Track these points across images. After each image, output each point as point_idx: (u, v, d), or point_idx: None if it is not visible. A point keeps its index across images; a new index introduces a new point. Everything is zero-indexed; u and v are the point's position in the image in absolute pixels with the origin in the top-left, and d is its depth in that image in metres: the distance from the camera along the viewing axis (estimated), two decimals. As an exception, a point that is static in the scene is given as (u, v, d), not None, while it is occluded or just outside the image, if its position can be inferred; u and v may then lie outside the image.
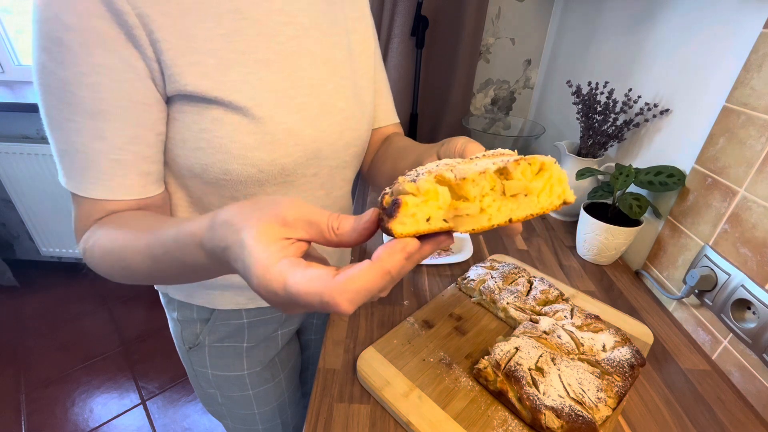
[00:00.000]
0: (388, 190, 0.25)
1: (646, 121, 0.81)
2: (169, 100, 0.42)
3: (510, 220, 0.25)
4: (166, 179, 0.48)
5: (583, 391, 0.47)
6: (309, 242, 0.27)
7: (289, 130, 0.46)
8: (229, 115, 0.42)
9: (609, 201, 0.80)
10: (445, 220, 0.24)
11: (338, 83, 0.51)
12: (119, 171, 0.40)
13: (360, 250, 0.80)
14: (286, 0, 0.44)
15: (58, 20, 0.34)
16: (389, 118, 0.65)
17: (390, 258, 0.23)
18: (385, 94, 0.64)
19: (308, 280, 0.23)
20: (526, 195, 0.24)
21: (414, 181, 0.23)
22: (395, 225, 0.23)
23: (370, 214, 0.25)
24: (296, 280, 0.23)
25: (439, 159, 0.38)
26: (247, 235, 0.25)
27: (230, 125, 0.42)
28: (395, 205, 0.23)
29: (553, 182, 0.25)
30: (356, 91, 0.54)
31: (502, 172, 0.24)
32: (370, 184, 0.68)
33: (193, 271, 0.34)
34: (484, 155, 0.29)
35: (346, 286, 0.22)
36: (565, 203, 0.27)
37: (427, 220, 0.23)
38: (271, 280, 0.24)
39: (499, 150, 0.29)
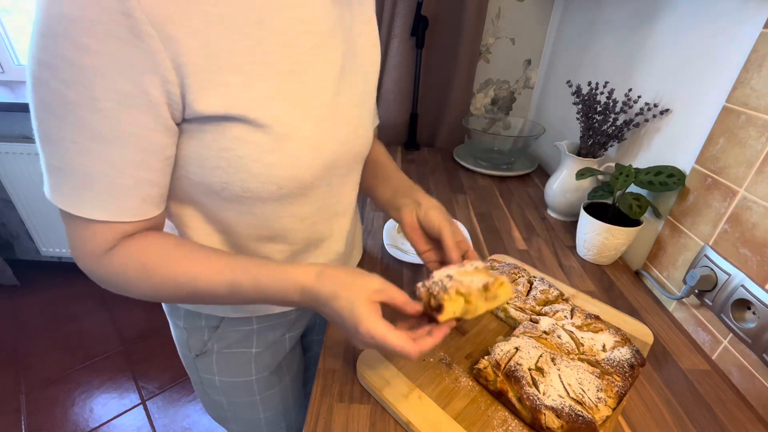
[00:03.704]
0: (425, 285, 0.45)
1: (646, 121, 0.81)
2: (185, 120, 0.40)
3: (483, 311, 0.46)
4: (177, 195, 0.46)
5: (583, 391, 0.47)
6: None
7: (311, 145, 0.45)
8: (251, 133, 0.41)
9: (609, 201, 0.80)
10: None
11: (350, 91, 0.50)
12: (118, 194, 0.39)
13: (367, 259, 0.80)
14: (305, 8, 0.43)
15: (72, 39, 0.31)
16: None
17: (441, 335, 0.44)
18: None
19: (398, 338, 0.40)
20: (493, 297, 0.45)
21: (446, 291, 0.43)
22: (441, 317, 0.43)
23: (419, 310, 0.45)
24: (392, 338, 0.40)
25: (420, 221, 0.57)
26: (357, 297, 0.41)
27: (252, 144, 0.41)
28: (440, 306, 0.43)
29: (503, 290, 0.46)
30: (363, 98, 0.54)
31: (486, 287, 0.45)
32: None
33: (264, 300, 0.45)
34: (465, 265, 0.48)
35: (420, 347, 0.41)
36: (507, 302, 0.62)
37: (453, 312, 0.44)
38: (375, 333, 0.40)
39: (470, 262, 0.48)
